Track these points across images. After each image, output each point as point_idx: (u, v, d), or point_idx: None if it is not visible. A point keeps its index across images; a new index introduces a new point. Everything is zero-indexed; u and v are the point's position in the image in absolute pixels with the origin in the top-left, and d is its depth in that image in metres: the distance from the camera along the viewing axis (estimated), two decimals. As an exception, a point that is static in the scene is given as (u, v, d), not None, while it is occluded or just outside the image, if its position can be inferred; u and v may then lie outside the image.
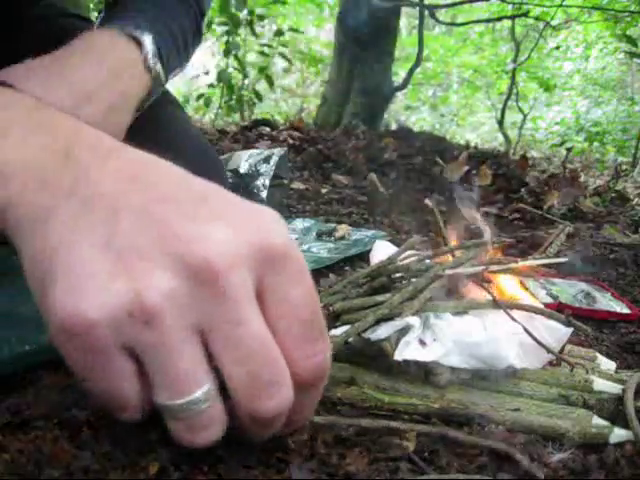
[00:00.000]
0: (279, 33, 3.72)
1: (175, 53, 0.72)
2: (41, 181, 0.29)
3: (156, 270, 0.27)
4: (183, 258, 0.27)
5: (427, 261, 0.64)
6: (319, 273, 0.90)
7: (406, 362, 0.52)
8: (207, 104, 3.55)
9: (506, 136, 4.94)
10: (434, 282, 0.57)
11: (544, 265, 0.72)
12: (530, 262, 0.64)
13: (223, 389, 0.30)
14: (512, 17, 4.24)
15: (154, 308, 0.27)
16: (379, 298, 0.57)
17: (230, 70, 3.50)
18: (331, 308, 0.56)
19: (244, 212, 0.30)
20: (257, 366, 0.28)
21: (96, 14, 0.89)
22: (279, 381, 0.29)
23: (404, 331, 0.53)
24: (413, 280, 0.60)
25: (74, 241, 0.27)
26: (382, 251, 0.77)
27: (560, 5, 3.60)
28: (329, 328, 0.59)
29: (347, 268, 0.99)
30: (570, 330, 0.56)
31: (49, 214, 0.28)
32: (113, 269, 0.27)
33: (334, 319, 0.57)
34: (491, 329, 0.54)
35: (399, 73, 4.48)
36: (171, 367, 0.28)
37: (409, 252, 0.69)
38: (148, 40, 0.63)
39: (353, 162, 2.02)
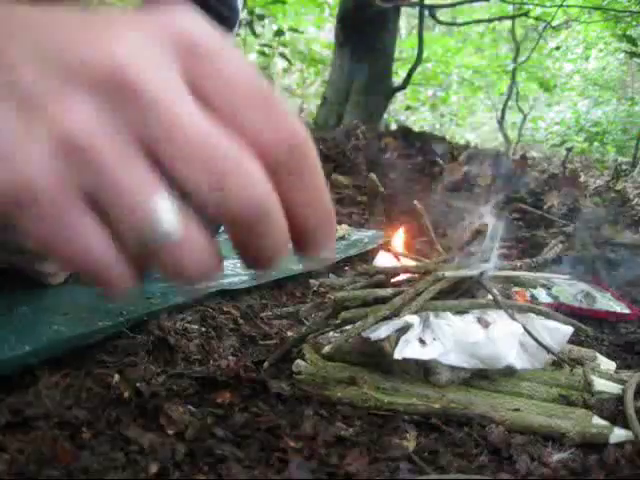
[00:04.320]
0: (279, 33, 3.72)
1: None
2: None
3: (68, 100, 0.24)
4: (90, 73, 0.24)
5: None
6: (319, 273, 0.90)
7: (406, 361, 0.52)
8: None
9: (506, 136, 4.95)
10: (434, 285, 0.57)
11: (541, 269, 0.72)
12: (528, 274, 0.64)
13: None
14: (512, 17, 4.24)
15: (83, 138, 0.24)
16: (380, 292, 0.57)
17: (230, 70, 3.49)
18: (332, 297, 0.56)
19: (146, 15, 0.27)
20: (209, 157, 0.24)
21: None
22: (241, 164, 0.25)
23: (404, 330, 0.53)
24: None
25: None
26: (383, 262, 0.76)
27: (560, 5, 3.60)
28: (328, 321, 0.59)
29: (347, 268, 0.99)
30: (570, 330, 0.56)
31: None
32: (25, 117, 0.24)
33: (334, 311, 0.57)
34: (491, 329, 0.54)
35: (399, 73, 4.48)
36: (123, 190, 0.24)
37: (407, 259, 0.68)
38: None
39: (353, 162, 2.02)
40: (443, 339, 0.52)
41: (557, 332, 0.56)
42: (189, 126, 0.25)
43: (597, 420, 0.49)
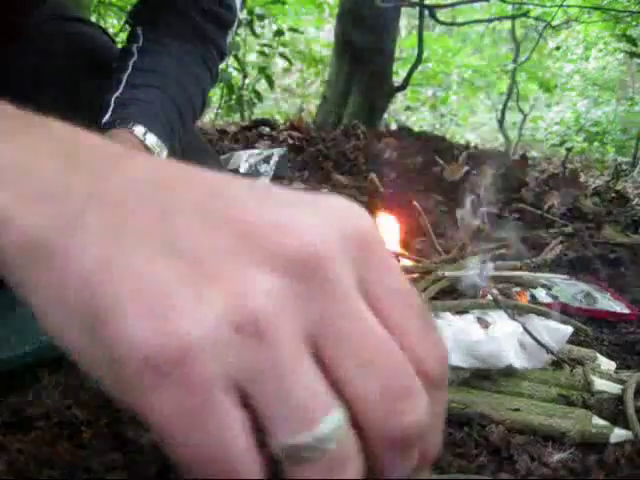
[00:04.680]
0: (279, 33, 3.72)
1: (183, 124, 0.76)
2: (45, 190, 0.22)
3: (248, 269, 0.21)
4: (274, 251, 0.21)
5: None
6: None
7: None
8: (207, 104, 3.55)
9: (506, 136, 4.95)
10: (434, 285, 0.57)
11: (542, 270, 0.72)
12: (528, 274, 0.64)
13: None
14: (512, 17, 4.24)
15: (264, 315, 0.20)
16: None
17: (230, 70, 3.50)
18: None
19: (313, 198, 0.24)
20: (387, 370, 0.22)
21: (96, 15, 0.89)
22: (413, 387, 0.22)
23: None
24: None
25: (125, 253, 0.21)
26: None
27: (560, 5, 3.60)
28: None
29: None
30: (570, 330, 0.56)
31: (71, 228, 0.21)
32: (192, 277, 0.20)
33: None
34: (491, 329, 0.54)
35: (399, 73, 4.48)
36: (291, 391, 0.20)
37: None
38: (150, 139, 0.68)
39: (353, 162, 2.02)
40: (443, 339, 0.52)
41: (557, 332, 0.56)
42: (370, 327, 0.22)
43: (597, 420, 0.49)
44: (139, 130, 0.67)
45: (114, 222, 0.21)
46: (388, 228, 0.81)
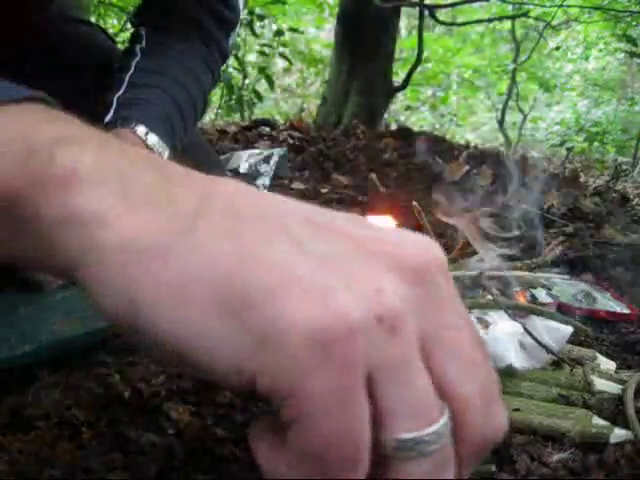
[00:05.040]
0: (279, 33, 3.72)
1: (184, 124, 0.76)
2: (149, 197, 0.24)
3: (376, 271, 0.22)
4: (399, 260, 0.23)
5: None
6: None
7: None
8: (208, 105, 3.55)
9: (506, 136, 4.95)
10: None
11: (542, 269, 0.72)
12: (528, 274, 0.64)
13: None
14: (512, 17, 4.24)
15: (400, 312, 0.22)
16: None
17: (230, 70, 3.50)
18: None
19: (406, 232, 0.26)
20: (484, 375, 0.24)
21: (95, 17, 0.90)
22: (498, 392, 0.25)
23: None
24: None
25: (261, 250, 0.22)
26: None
27: (560, 5, 3.60)
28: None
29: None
30: (570, 330, 0.56)
31: (186, 230, 0.23)
32: (332, 272, 0.22)
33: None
34: (491, 329, 0.54)
35: (399, 73, 4.48)
36: (416, 387, 0.22)
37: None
38: (152, 139, 0.68)
39: (353, 162, 2.02)
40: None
41: (557, 332, 0.56)
42: (471, 336, 0.24)
43: (597, 420, 0.49)
44: (141, 130, 0.67)
45: (229, 227, 0.23)
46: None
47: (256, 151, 1.42)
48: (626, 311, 0.83)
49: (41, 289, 0.63)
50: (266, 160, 1.37)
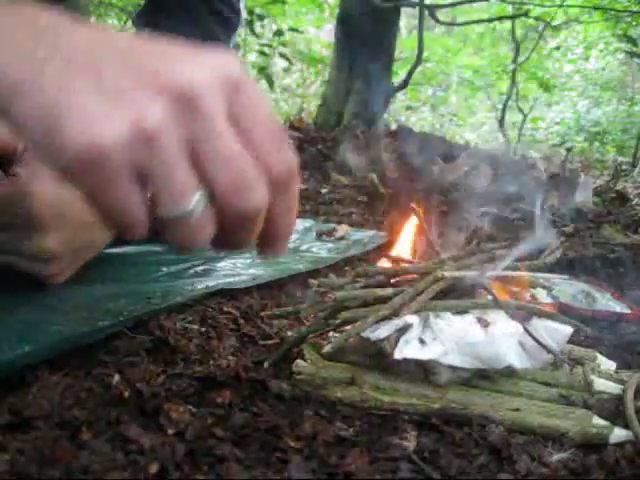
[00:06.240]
0: (279, 33, 3.72)
1: None
2: (17, 50, 0.34)
3: (147, 100, 0.32)
4: (167, 86, 0.33)
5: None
6: (319, 273, 0.90)
7: (406, 361, 0.52)
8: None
9: (506, 136, 4.94)
10: (434, 284, 0.57)
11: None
12: (528, 274, 0.64)
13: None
14: (512, 17, 4.24)
15: (154, 129, 0.32)
16: (380, 292, 0.57)
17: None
18: (332, 296, 0.56)
19: (206, 52, 0.36)
20: (237, 169, 0.34)
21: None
22: (256, 179, 0.35)
23: (404, 330, 0.53)
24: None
25: (70, 89, 0.32)
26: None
27: (560, 5, 3.60)
28: (328, 321, 0.59)
29: (347, 268, 0.99)
30: (570, 330, 0.56)
31: (38, 74, 0.33)
32: (111, 104, 0.32)
33: (334, 312, 0.57)
34: (491, 329, 0.54)
35: (399, 73, 4.47)
36: (172, 179, 0.33)
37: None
38: None
39: (353, 162, 2.02)
40: (443, 339, 0.52)
41: (557, 332, 0.56)
42: (227, 140, 0.34)
43: (597, 420, 0.49)
44: None
45: (64, 71, 0.33)
46: (387, 228, 0.81)
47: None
48: (626, 311, 0.83)
49: (42, 283, 0.63)
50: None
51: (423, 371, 0.53)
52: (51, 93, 0.33)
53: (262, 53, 3.78)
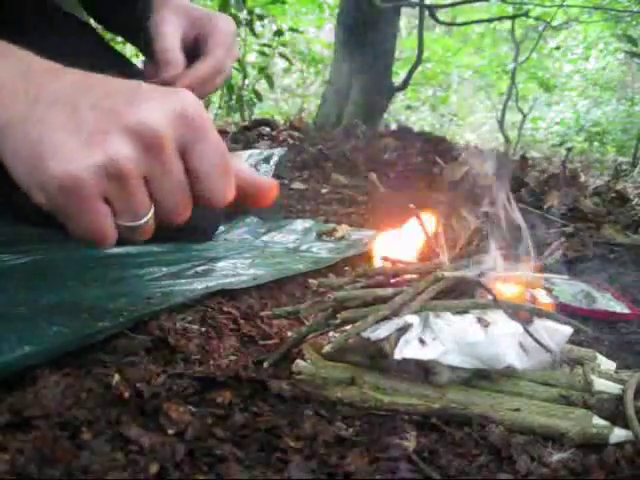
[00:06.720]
0: (279, 33, 3.72)
1: None
2: (11, 94, 0.41)
3: (116, 140, 0.41)
4: (132, 128, 0.41)
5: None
6: (319, 273, 0.90)
7: (406, 361, 0.52)
8: (207, 104, 3.54)
9: (506, 136, 4.94)
10: (434, 284, 0.57)
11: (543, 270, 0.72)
12: (528, 274, 0.64)
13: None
14: (512, 17, 4.24)
15: (121, 164, 0.41)
16: (380, 292, 0.57)
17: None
18: (332, 296, 0.56)
19: (167, 93, 0.44)
20: (177, 197, 0.45)
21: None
22: (189, 205, 0.46)
23: (404, 330, 0.53)
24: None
25: (52, 132, 0.40)
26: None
27: (560, 5, 3.60)
28: (328, 321, 0.59)
29: (347, 268, 0.99)
30: (570, 330, 0.56)
31: (23, 118, 0.41)
32: (87, 144, 0.40)
33: (334, 312, 0.57)
34: (491, 329, 0.54)
35: (399, 73, 4.48)
36: (132, 202, 0.43)
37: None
38: None
39: (353, 162, 2.02)
40: (443, 339, 0.52)
41: (557, 332, 0.56)
42: (175, 175, 0.44)
43: (597, 420, 0.49)
44: None
45: (46, 115, 0.41)
46: (387, 228, 0.81)
47: (256, 151, 1.42)
48: (626, 311, 0.83)
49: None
50: (266, 160, 1.37)
51: (423, 371, 0.53)
52: (36, 132, 0.40)
53: (262, 53, 3.77)
